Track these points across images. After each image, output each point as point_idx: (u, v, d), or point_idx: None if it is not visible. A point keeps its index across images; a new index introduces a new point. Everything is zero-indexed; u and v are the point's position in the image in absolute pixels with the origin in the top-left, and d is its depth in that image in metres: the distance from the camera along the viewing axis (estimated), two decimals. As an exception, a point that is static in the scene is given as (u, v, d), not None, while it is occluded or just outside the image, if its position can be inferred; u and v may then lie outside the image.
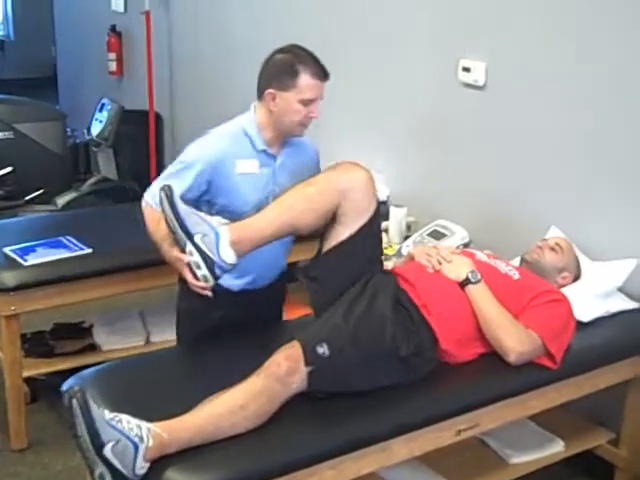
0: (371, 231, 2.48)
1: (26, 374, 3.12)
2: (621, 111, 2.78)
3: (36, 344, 3.34)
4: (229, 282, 2.58)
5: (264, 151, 2.56)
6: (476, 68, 3.25)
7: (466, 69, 3.29)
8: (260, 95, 2.54)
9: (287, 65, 2.48)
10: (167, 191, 2.21)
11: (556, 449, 2.76)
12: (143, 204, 2.56)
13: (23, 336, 3.33)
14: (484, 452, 2.71)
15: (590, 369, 2.54)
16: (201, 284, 2.28)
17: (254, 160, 2.55)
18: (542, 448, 2.74)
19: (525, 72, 3.10)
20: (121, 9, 6.03)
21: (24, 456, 3.09)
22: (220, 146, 2.53)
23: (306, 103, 2.48)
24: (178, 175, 2.51)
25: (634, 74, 2.72)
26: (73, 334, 3.48)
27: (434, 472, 2.59)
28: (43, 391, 3.39)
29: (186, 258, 2.25)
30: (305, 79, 2.47)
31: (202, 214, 2.29)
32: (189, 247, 2.23)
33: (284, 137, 2.58)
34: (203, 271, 2.25)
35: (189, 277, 2.29)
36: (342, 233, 2.41)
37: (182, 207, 2.23)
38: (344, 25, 3.96)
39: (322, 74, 2.50)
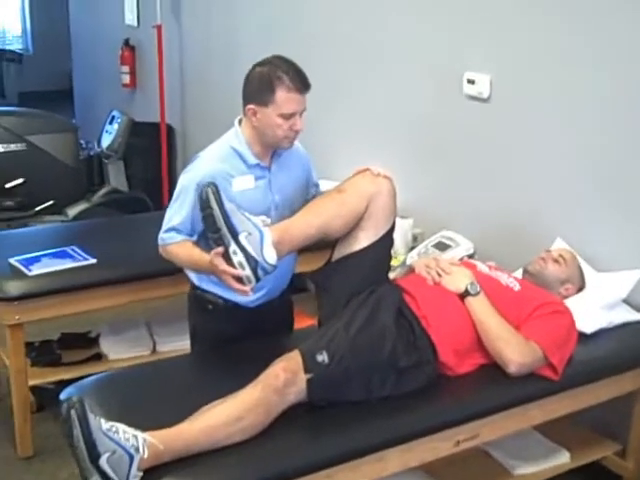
0: (385, 244, 2.51)
1: (32, 383, 3.15)
2: (626, 123, 2.76)
3: (43, 353, 3.37)
4: (245, 299, 2.52)
5: (257, 165, 2.53)
6: (481, 80, 3.24)
7: (471, 81, 3.29)
8: (244, 110, 2.52)
9: (264, 80, 2.44)
10: (214, 188, 2.16)
11: (561, 460, 2.74)
12: (160, 249, 2.55)
13: (30, 345, 3.38)
14: (488, 463, 2.71)
15: (592, 381, 2.53)
16: (244, 287, 2.24)
17: (249, 176, 2.52)
18: (547, 459, 2.73)
19: (529, 84, 3.09)
20: (134, 23, 6.09)
21: (30, 464, 3.11)
22: (212, 166, 2.48)
23: (286, 117, 2.44)
24: (180, 208, 2.50)
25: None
26: (80, 343, 3.51)
27: (437, 483, 2.58)
28: (50, 400, 3.38)
29: (235, 271, 2.21)
30: (281, 94, 2.41)
31: (246, 213, 2.25)
32: (233, 247, 2.19)
33: (272, 149, 2.56)
34: (247, 272, 2.21)
35: (233, 283, 2.24)
36: (359, 240, 2.44)
37: (228, 204, 2.19)
38: (351, 38, 3.97)
39: (300, 86, 2.44)
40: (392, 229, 2.50)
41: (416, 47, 3.62)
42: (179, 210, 2.50)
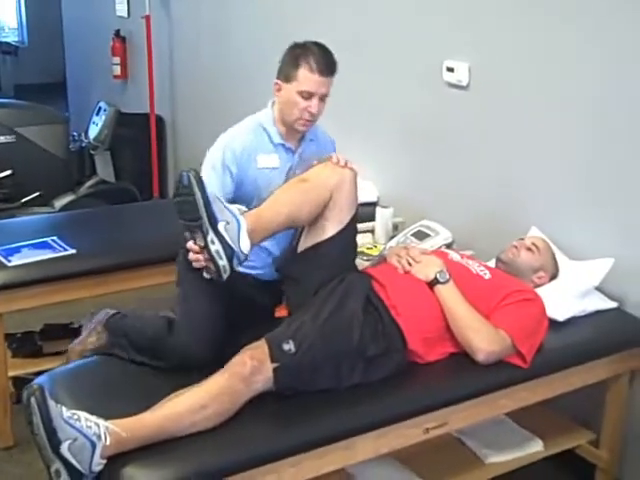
0: (350, 232, 2.53)
1: (12, 373, 3.16)
2: (604, 113, 2.76)
3: (24, 344, 3.38)
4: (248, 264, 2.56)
5: (282, 145, 2.59)
6: (460, 68, 3.25)
7: (450, 69, 3.29)
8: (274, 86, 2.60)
9: (293, 57, 2.54)
10: (195, 173, 2.14)
11: (535, 449, 2.74)
12: None
13: (12, 336, 3.39)
14: (461, 451, 2.71)
15: (563, 368, 2.53)
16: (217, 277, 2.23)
17: (274, 155, 2.59)
18: (520, 448, 2.73)
19: (508, 72, 3.09)
20: (125, 14, 6.09)
21: (10, 455, 3.12)
22: (242, 139, 2.56)
23: (305, 96, 2.51)
24: (215, 175, 2.51)
25: (617, 74, 2.70)
26: (62, 334, 3.50)
27: (409, 471, 2.59)
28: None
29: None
30: (304, 72, 2.50)
31: (224, 201, 2.24)
32: (211, 235, 2.16)
33: (295, 132, 2.60)
34: (224, 261, 2.19)
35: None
36: (326, 229, 2.46)
37: (210, 191, 2.18)
38: (333, 28, 3.96)
39: (323, 69, 2.51)
40: (355, 217, 2.52)
41: (395, 36, 3.62)
42: (209, 181, 2.41)
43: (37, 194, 4.72)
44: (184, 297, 2.58)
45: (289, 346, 2.18)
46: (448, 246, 3.16)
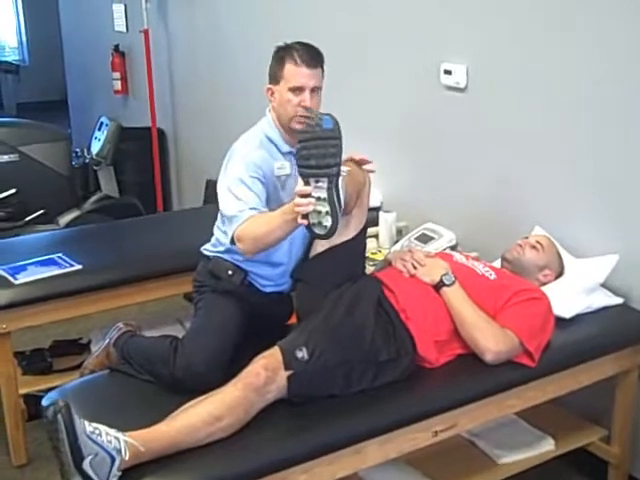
0: (365, 235, 2.58)
1: (23, 391, 3.16)
2: (604, 112, 2.76)
3: (34, 361, 3.38)
4: (262, 282, 2.63)
5: (290, 152, 2.55)
6: (457, 70, 3.25)
7: (447, 72, 3.30)
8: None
9: (278, 59, 2.54)
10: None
11: (546, 448, 2.74)
12: (235, 235, 2.39)
13: (21, 354, 3.41)
14: (473, 453, 2.71)
15: (571, 366, 2.53)
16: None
17: (285, 162, 2.56)
18: (532, 447, 2.72)
19: (506, 73, 3.10)
20: (123, 29, 6.11)
21: (23, 472, 3.13)
22: (256, 154, 2.52)
23: (296, 92, 2.48)
24: (245, 192, 2.43)
25: (615, 75, 2.70)
26: (72, 350, 3.52)
27: (421, 474, 2.59)
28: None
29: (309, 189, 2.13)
30: (289, 68, 2.49)
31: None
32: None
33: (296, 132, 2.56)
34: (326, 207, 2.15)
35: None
36: (349, 226, 2.48)
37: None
38: (331, 34, 3.98)
39: (308, 60, 2.49)
40: (367, 222, 2.56)
41: (393, 39, 3.62)
42: (244, 194, 2.43)
43: (41, 212, 4.73)
44: (198, 314, 2.61)
45: (302, 353, 2.19)
46: (452, 248, 3.18)
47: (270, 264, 2.61)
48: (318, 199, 2.13)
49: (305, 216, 2.14)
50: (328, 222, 2.14)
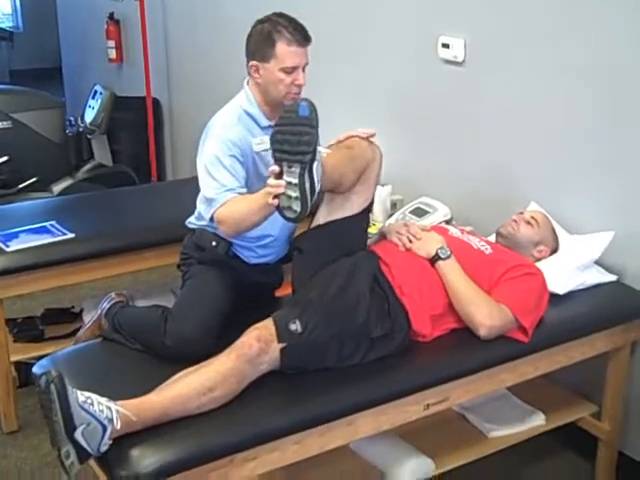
0: (367, 216, 2.55)
1: (14, 358, 3.17)
2: (602, 87, 2.74)
3: (25, 329, 3.38)
4: (246, 254, 2.62)
5: (269, 126, 2.52)
6: (455, 44, 3.23)
7: (445, 45, 3.27)
8: (247, 69, 2.55)
9: (265, 35, 2.48)
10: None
11: (536, 422, 2.75)
12: (215, 217, 2.44)
13: (13, 321, 3.40)
14: (464, 427, 2.71)
15: (564, 342, 2.53)
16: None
17: (264, 137, 2.52)
18: (522, 422, 2.73)
19: (504, 47, 3.08)
20: (119, -4, 6.05)
21: (15, 438, 3.14)
22: (234, 130, 2.50)
23: (288, 71, 2.47)
24: (221, 172, 2.44)
25: (614, 49, 2.68)
26: (63, 319, 3.52)
27: (412, 446, 2.58)
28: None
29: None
30: (282, 47, 2.45)
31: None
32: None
33: (279, 108, 2.52)
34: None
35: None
36: (353, 203, 2.45)
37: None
38: (327, 7, 3.94)
39: (301, 39, 2.47)
40: (373, 198, 2.54)
41: (390, 11, 3.59)
42: (221, 174, 2.45)
43: (34, 180, 4.71)
44: (186, 284, 2.61)
45: (295, 326, 2.18)
46: (447, 222, 3.17)
47: (256, 237, 2.60)
48: (289, 184, 2.13)
49: (277, 197, 2.15)
50: (298, 207, 2.14)
